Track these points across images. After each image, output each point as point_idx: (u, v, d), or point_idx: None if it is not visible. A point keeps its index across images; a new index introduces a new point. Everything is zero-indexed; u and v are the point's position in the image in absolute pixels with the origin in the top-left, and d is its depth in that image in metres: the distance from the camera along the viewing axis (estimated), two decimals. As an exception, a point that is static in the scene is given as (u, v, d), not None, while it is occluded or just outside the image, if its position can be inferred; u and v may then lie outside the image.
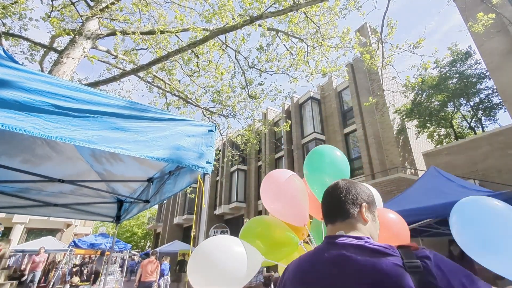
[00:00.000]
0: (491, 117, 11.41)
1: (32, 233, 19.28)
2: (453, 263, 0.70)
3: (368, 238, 0.80)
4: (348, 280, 0.71)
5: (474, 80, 10.58)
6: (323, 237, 0.90)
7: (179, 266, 13.08)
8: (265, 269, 10.17)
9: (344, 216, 0.87)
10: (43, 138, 2.06)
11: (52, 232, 19.48)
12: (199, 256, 1.37)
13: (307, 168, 1.92)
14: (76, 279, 10.75)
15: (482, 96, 11.00)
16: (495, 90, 10.36)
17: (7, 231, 16.10)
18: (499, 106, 10.70)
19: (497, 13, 6.49)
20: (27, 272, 10.24)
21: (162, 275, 10.11)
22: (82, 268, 15.06)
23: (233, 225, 18.78)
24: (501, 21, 8.46)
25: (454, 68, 11.09)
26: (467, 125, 12.77)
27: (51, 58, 7.27)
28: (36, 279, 10.31)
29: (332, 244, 0.81)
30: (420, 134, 12.19)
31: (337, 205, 0.90)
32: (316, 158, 1.92)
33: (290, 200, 1.83)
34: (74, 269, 13.82)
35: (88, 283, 11.66)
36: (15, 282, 9.25)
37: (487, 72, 9.95)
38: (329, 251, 0.80)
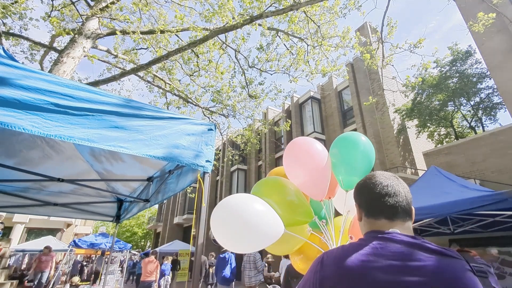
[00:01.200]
0: (492, 117, 11.39)
1: (33, 232, 19.30)
2: None
3: (421, 239, 0.77)
4: (421, 279, 0.68)
5: (474, 79, 10.57)
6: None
7: (172, 265, 13.05)
8: (266, 268, 10.16)
9: (406, 216, 0.85)
10: (43, 137, 2.05)
11: (52, 231, 19.50)
12: (224, 207, 1.43)
13: (336, 156, 1.87)
14: (76, 279, 10.76)
15: (483, 95, 10.99)
16: (495, 90, 10.35)
17: (7, 230, 16.10)
18: (500, 106, 10.68)
19: (498, 13, 6.48)
20: (31, 271, 9.65)
21: (162, 275, 10.11)
22: (83, 268, 15.08)
23: (233, 224, 18.73)
24: (502, 20, 8.44)
25: (454, 68, 11.07)
26: (468, 125, 12.75)
27: (51, 58, 7.27)
28: (44, 280, 9.63)
29: (393, 241, 0.77)
30: (421, 133, 12.18)
31: (404, 202, 0.85)
32: (350, 147, 1.83)
33: (315, 170, 1.76)
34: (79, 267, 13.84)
35: (88, 282, 11.68)
36: (15, 282, 9.26)
37: (487, 71, 9.94)
38: (394, 247, 0.75)
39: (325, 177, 1.77)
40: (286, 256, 5.91)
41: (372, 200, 0.88)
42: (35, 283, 9.33)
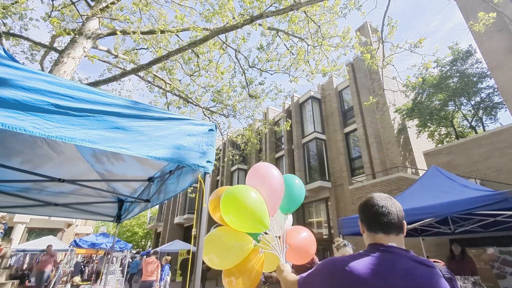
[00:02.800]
0: (492, 116, 11.38)
1: (33, 232, 19.34)
2: None
3: (411, 252, 0.99)
4: (416, 284, 0.88)
5: (475, 79, 10.56)
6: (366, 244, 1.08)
7: (182, 265, 12.68)
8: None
9: (399, 230, 1.04)
10: (44, 138, 2.06)
11: (53, 231, 19.54)
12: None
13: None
14: (77, 279, 10.77)
15: (483, 95, 10.98)
16: (496, 89, 10.34)
17: (9, 230, 16.12)
18: (500, 105, 10.67)
19: (498, 12, 6.47)
20: (33, 271, 9.90)
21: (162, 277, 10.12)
22: (84, 268, 15.10)
23: (233, 224, 18.73)
24: (502, 20, 8.43)
25: (455, 67, 11.06)
26: (468, 124, 12.74)
27: (51, 58, 7.28)
28: (45, 279, 9.53)
29: (391, 253, 0.97)
30: (421, 133, 12.17)
31: (396, 219, 1.04)
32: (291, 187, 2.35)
33: (273, 190, 2.10)
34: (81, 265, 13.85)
35: (89, 282, 11.70)
36: (16, 282, 9.27)
37: (488, 71, 9.93)
38: (396, 258, 0.96)
39: (279, 198, 2.15)
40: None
41: (371, 219, 1.08)
42: (36, 282, 9.33)
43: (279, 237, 2.11)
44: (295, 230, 2.33)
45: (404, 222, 1.07)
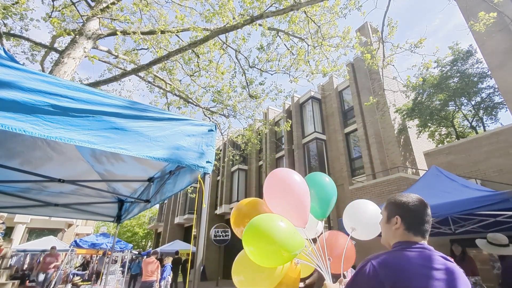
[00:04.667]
0: (493, 117, 11.37)
1: (34, 232, 19.36)
2: None
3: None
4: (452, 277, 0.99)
5: (475, 79, 10.54)
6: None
7: (173, 265, 12.45)
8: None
9: (428, 234, 1.14)
10: (43, 138, 2.06)
11: (54, 232, 19.56)
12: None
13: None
14: (77, 279, 10.77)
15: (484, 95, 10.96)
16: (496, 89, 10.33)
17: (9, 231, 16.15)
18: (501, 105, 10.66)
19: (499, 12, 6.46)
20: (34, 272, 9.33)
21: (163, 277, 10.11)
22: (83, 266, 15.08)
23: (234, 224, 18.74)
24: (503, 19, 8.42)
25: (455, 67, 11.05)
26: (469, 125, 12.73)
27: (52, 58, 7.28)
28: (46, 280, 9.28)
29: (434, 252, 1.07)
30: (421, 133, 12.15)
31: (429, 222, 1.15)
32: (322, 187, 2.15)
33: (296, 198, 1.86)
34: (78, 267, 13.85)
35: (90, 282, 11.69)
36: (17, 282, 9.27)
37: (488, 71, 9.92)
38: (438, 258, 1.05)
39: (306, 206, 1.90)
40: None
41: (415, 221, 1.14)
42: (38, 283, 9.13)
43: (314, 240, 1.93)
44: (333, 237, 2.08)
45: None
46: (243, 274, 1.83)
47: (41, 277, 9.11)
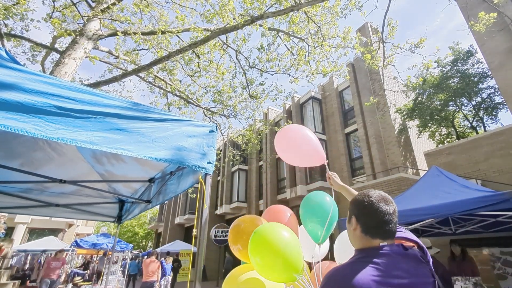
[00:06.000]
0: (493, 117, 11.36)
1: (34, 233, 19.37)
2: None
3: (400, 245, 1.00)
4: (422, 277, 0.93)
5: (475, 79, 10.54)
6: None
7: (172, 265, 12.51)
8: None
9: (394, 235, 1.02)
10: (45, 139, 2.07)
11: (54, 232, 19.57)
12: None
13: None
14: (78, 278, 10.78)
15: (484, 95, 10.96)
16: (497, 90, 10.32)
17: (10, 231, 16.16)
18: (501, 106, 10.65)
19: (499, 12, 6.47)
20: (39, 278, 7.58)
21: (163, 275, 10.13)
22: (84, 267, 15.09)
23: (234, 225, 18.73)
24: (503, 20, 8.42)
25: (455, 68, 11.04)
26: (469, 125, 12.72)
27: (52, 59, 7.30)
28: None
29: (397, 256, 0.96)
30: (422, 133, 12.15)
31: (395, 227, 1.02)
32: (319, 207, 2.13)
33: (308, 141, 2.03)
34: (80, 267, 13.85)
35: (90, 283, 11.70)
36: (17, 282, 9.29)
37: (488, 71, 9.91)
38: (399, 265, 0.93)
39: (317, 144, 2.08)
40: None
41: (371, 224, 1.01)
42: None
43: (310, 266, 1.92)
44: (327, 269, 2.03)
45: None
46: None
47: (46, 283, 7.83)
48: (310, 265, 2.02)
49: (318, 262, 1.99)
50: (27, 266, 14.84)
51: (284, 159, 2.19)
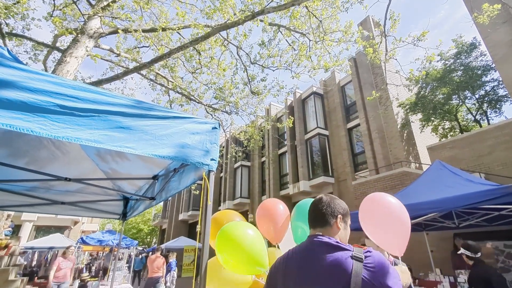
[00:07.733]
0: (497, 110, 11.24)
1: (41, 230, 19.64)
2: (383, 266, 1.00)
3: (337, 240, 1.11)
4: (316, 264, 1.05)
5: (479, 72, 10.42)
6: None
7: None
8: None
9: (323, 224, 1.19)
10: (50, 138, 2.09)
11: (60, 229, 19.81)
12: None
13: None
14: (85, 275, 10.94)
15: (488, 88, 10.83)
16: (500, 82, 10.21)
17: (17, 228, 16.38)
18: (505, 99, 10.54)
19: (503, 4, 6.37)
20: (49, 284, 7.02)
21: (168, 270, 10.25)
22: (91, 265, 15.32)
23: (237, 221, 18.87)
24: (507, 11, 8.30)
25: (459, 61, 10.92)
26: (472, 118, 12.61)
27: (54, 58, 7.32)
28: None
29: (311, 241, 1.15)
30: (425, 127, 12.07)
31: (319, 216, 1.21)
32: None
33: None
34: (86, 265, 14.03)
35: (97, 279, 11.87)
36: (25, 279, 9.44)
37: (492, 64, 9.79)
38: (307, 244, 1.16)
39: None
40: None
41: (308, 216, 1.30)
42: None
43: None
44: None
45: (338, 215, 1.19)
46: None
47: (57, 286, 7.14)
48: None
49: None
50: (35, 263, 15.07)
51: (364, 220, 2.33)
